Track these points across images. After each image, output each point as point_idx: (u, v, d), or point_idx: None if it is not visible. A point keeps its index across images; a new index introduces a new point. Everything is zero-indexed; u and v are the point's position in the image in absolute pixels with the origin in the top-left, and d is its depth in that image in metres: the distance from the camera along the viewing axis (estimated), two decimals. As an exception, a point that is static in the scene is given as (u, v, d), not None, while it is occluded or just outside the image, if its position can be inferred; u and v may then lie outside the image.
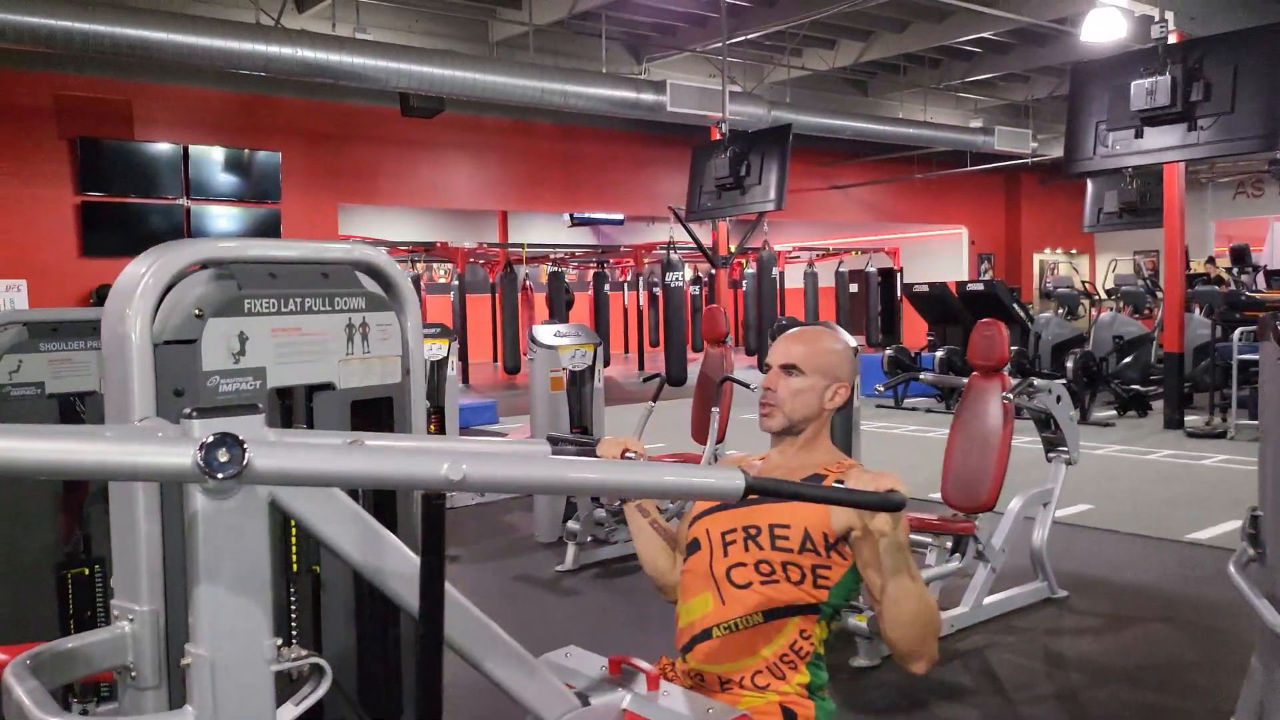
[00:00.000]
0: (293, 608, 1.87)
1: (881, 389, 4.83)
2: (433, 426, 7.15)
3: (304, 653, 1.44)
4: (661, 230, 17.05)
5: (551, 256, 19.70)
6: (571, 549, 5.23)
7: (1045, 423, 4.61)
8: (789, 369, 2.00)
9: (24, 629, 3.16)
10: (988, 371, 4.32)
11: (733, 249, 13.66)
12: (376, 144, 13.65)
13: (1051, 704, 3.48)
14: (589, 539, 5.24)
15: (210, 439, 1.17)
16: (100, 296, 11.48)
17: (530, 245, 17.81)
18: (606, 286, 18.17)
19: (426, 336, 7.10)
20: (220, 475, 1.18)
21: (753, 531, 1.89)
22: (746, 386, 4.91)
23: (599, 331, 17.80)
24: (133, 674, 1.58)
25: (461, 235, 18.29)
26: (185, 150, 12.14)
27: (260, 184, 12.70)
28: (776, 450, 2.04)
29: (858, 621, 3.71)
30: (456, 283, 16.83)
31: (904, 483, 1.60)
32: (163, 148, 12.04)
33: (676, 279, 14.16)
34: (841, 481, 1.80)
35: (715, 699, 1.84)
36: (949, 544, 4.17)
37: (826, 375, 2.00)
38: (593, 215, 20.33)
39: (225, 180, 12.48)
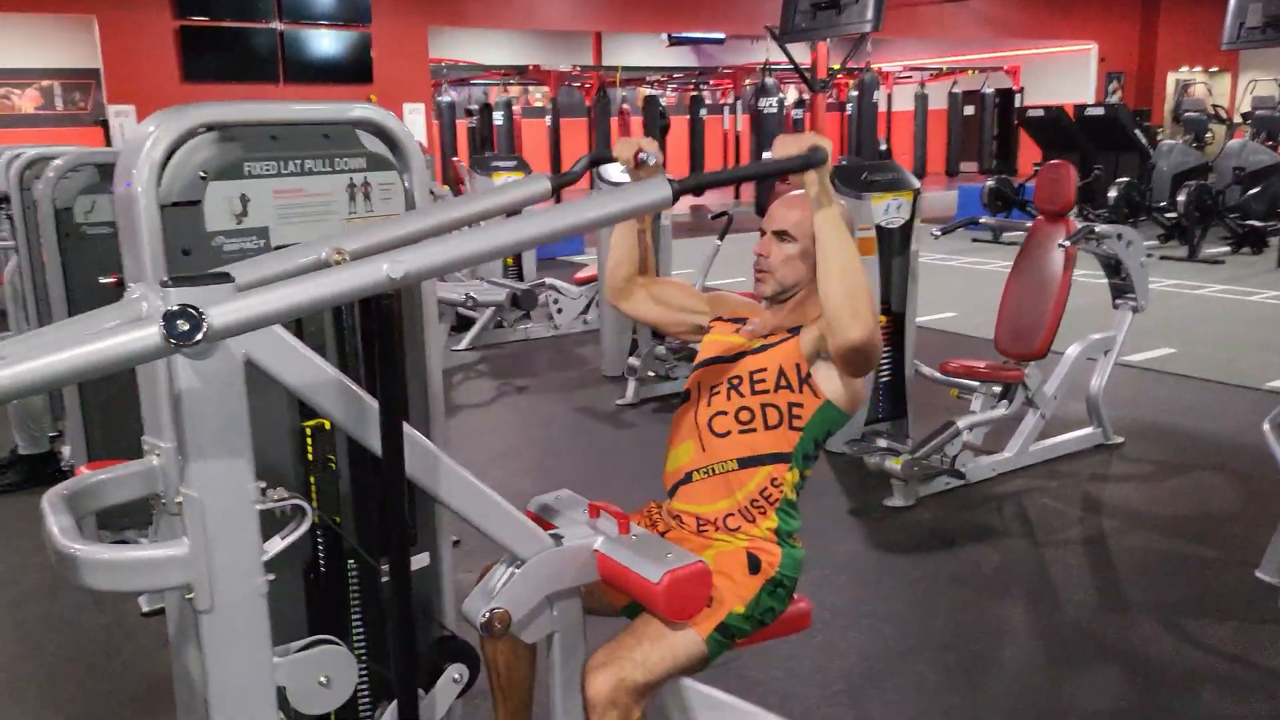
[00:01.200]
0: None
1: (937, 234, 4.69)
2: (510, 260, 7.32)
3: (286, 494, 1.61)
4: (766, 50, 16.41)
5: (647, 79, 19.25)
6: (632, 383, 5.40)
7: (1114, 268, 4.48)
8: (781, 235, 2.02)
9: (113, 448, 3.51)
10: (1052, 216, 4.19)
11: (834, 69, 13.12)
12: (466, -38, 13.37)
13: (1076, 548, 3.55)
14: (649, 374, 5.39)
15: (170, 311, 1.28)
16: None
17: (625, 67, 17.43)
18: (703, 110, 17.78)
19: (502, 169, 7.18)
20: (185, 343, 1.29)
21: (735, 381, 1.98)
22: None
23: (694, 159, 17.55)
24: (163, 501, 1.76)
25: (556, 58, 17.95)
26: (277, -28, 12.13)
27: (352, 6, 12.64)
28: (770, 311, 2.08)
29: (893, 464, 3.80)
30: (551, 107, 16.70)
31: (829, 141, 1.72)
32: (254, -31, 12.04)
33: (771, 104, 13.74)
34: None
35: (690, 539, 1.99)
36: (996, 390, 4.17)
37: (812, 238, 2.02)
38: (691, 35, 19.64)
39: (316, 3, 12.46)
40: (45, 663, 2.90)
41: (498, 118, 15.96)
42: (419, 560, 2.20)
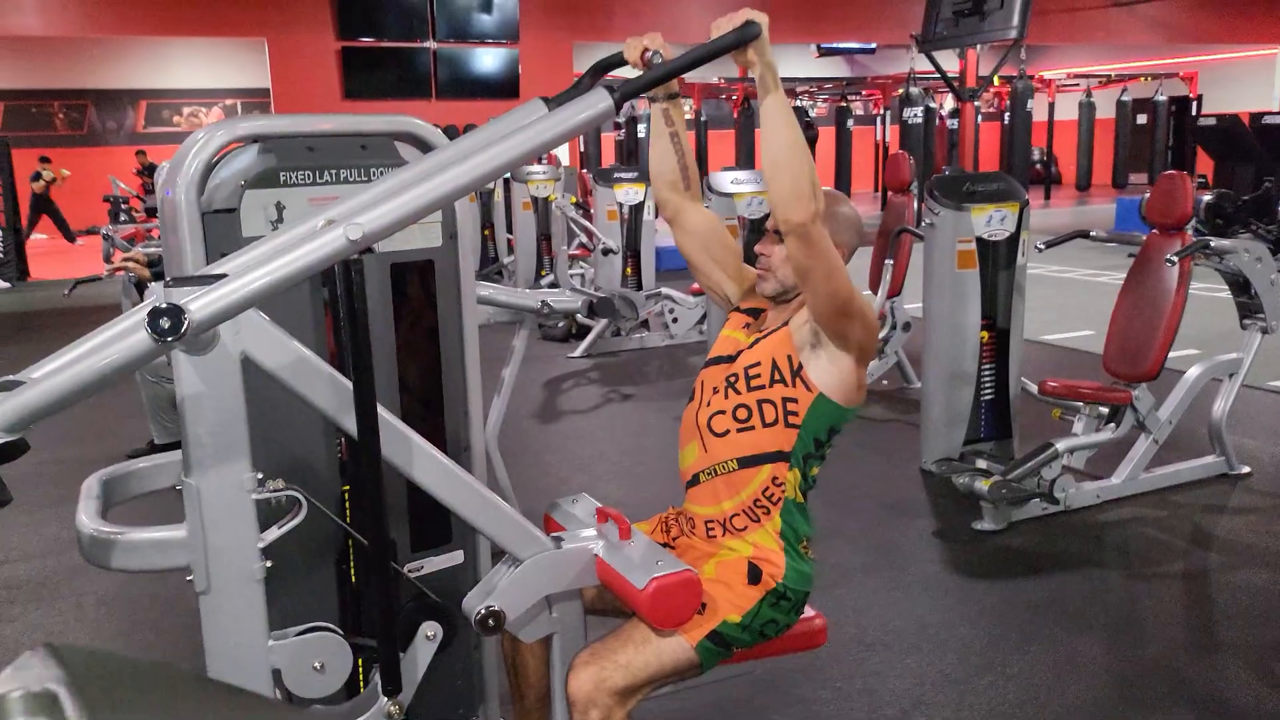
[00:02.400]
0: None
1: (1041, 247, 4.47)
2: (629, 270, 7.40)
3: (282, 484, 1.70)
4: (911, 59, 16.02)
5: (795, 90, 19.10)
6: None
7: (1242, 286, 4.18)
8: (778, 234, 2.00)
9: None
10: (1167, 230, 3.95)
11: (984, 78, 12.69)
12: (613, -23, 13.63)
13: (1173, 583, 3.32)
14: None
15: (154, 310, 1.38)
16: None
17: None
18: (850, 121, 17.51)
19: (624, 180, 7.27)
20: (170, 338, 1.39)
21: (732, 379, 1.97)
22: (919, 238, 4.74)
23: (840, 170, 17.29)
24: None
25: (701, 70, 18.04)
26: (433, -9, 12.69)
27: (501, 25, 13.08)
28: (773, 311, 2.06)
29: (982, 485, 3.66)
30: (699, 118, 16.78)
31: (764, 16, 1.66)
32: (413, -10, 12.64)
33: (915, 113, 13.40)
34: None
35: (699, 545, 1.98)
36: (1103, 412, 3.96)
37: None
38: (842, 44, 19.39)
39: (468, 22, 12.96)
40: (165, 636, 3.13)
41: (641, 130, 16.16)
42: (452, 558, 2.28)
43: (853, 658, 2.89)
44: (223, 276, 1.50)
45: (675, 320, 7.11)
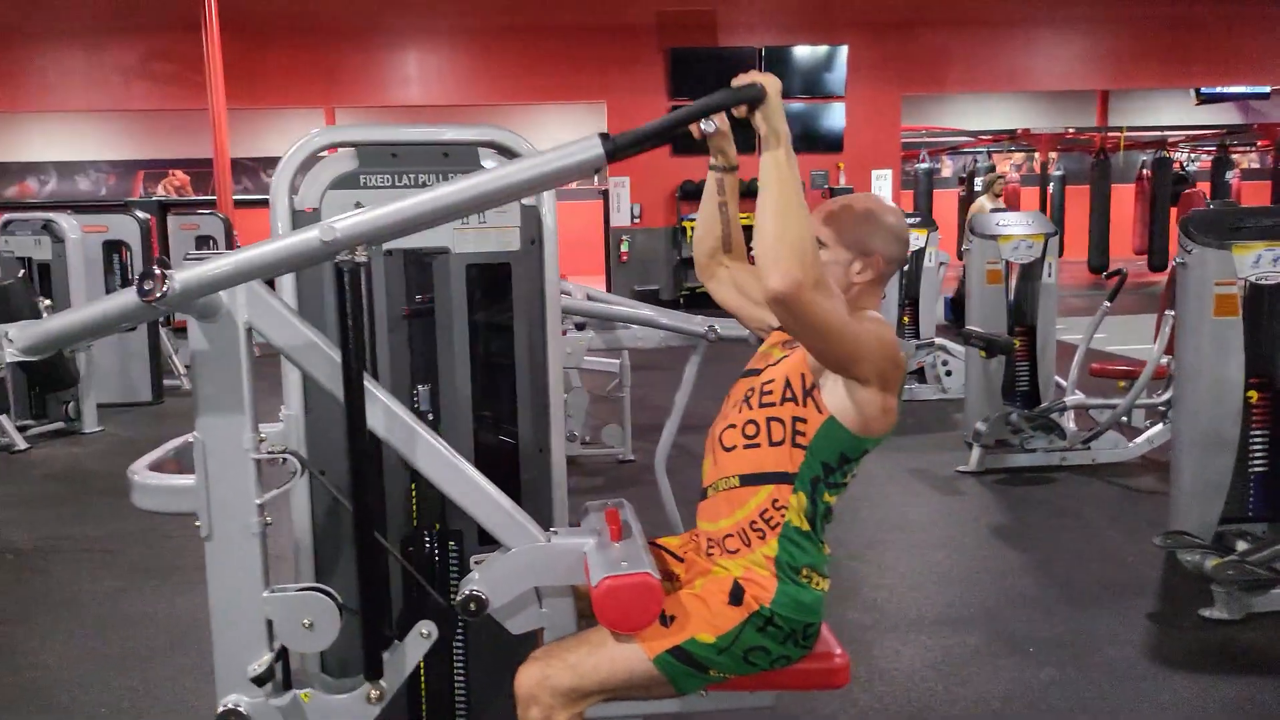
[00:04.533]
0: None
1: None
2: (905, 318, 7.11)
3: (281, 446, 1.84)
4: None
5: (1169, 140, 17.34)
6: (976, 450, 4.97)
7: None
8: (816, 241, 1.87)
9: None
10: None
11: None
12: (948, 28, 13.24)
13: None
14: (993, 441, 4.93)
15: (140, 274, 1.59)
16: (684, 192, 13.00)
17: (1134, 128, 15.92)
18: (1229, 173, 15.63)
19: (905, 225, 7.00)
20: (149, 299, 1.58)
21: (749, 393, 1.87)
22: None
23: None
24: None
25: (1051, 119, 16.93)
26: (760, 52, 13.03)
27: (826, 79, 13.16)
28: None
29: (1210, 564, 3.11)
30: (1055, 171, 15.71)
31: (773, 80, 1.65)
32: (741, 51, 13.05)
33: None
34: None
35: (699, 562, 1.89)
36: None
37: (853, 249, 1.85)
38: (1227, 90, 17.38)
39: (795, 77, 13.15)
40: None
41: (977, 184, 15.44)
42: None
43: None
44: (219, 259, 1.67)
45: (949, 374, 6.70)
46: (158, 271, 1.58)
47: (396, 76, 13.09)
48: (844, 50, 13.09)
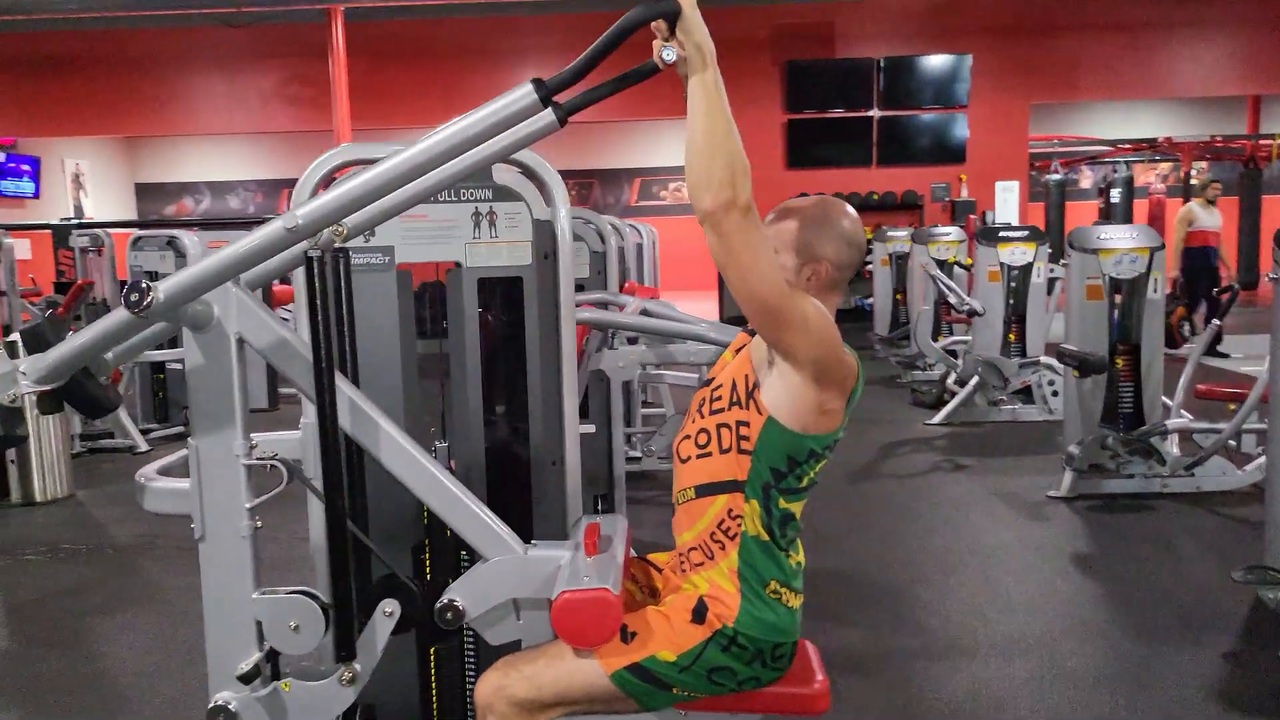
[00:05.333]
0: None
1: None
2: (1012, 336, 6.86)
3: (271, 454, 1.90)
4: None
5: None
6: (1068, 475, 4.73)
7: None
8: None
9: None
10: None
11: None
12: (1079, 33, 12.72)
13: None
14: (1086, 466, 4.68)
15: (128, 285, 1.68)
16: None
17: (1290, 135, 14.90)
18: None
19: (1009, 239, 6.80)
20: (137, 311, 1.68)
21: (702, 403, 1.85)
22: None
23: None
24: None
25: (1197, 126, 16.01)
26: (878, 63, 12.80)
27: (948, 88, 12.82)
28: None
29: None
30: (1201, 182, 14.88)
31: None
32: (860, 63, 12.85)
33: None
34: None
35: (672, 579, 1.87)
36: None
37: (800, 253, 1.80)
38: None
39: (914, 88, 12.87)
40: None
41: (1116, 195, 14.74)
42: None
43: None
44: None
45: (1055, 394, 6.41)
46: (144, 284, 1.67)
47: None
48: (968, 59, 12.73)
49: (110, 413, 2.10)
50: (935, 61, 12.90)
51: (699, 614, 1.73)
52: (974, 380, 6.54)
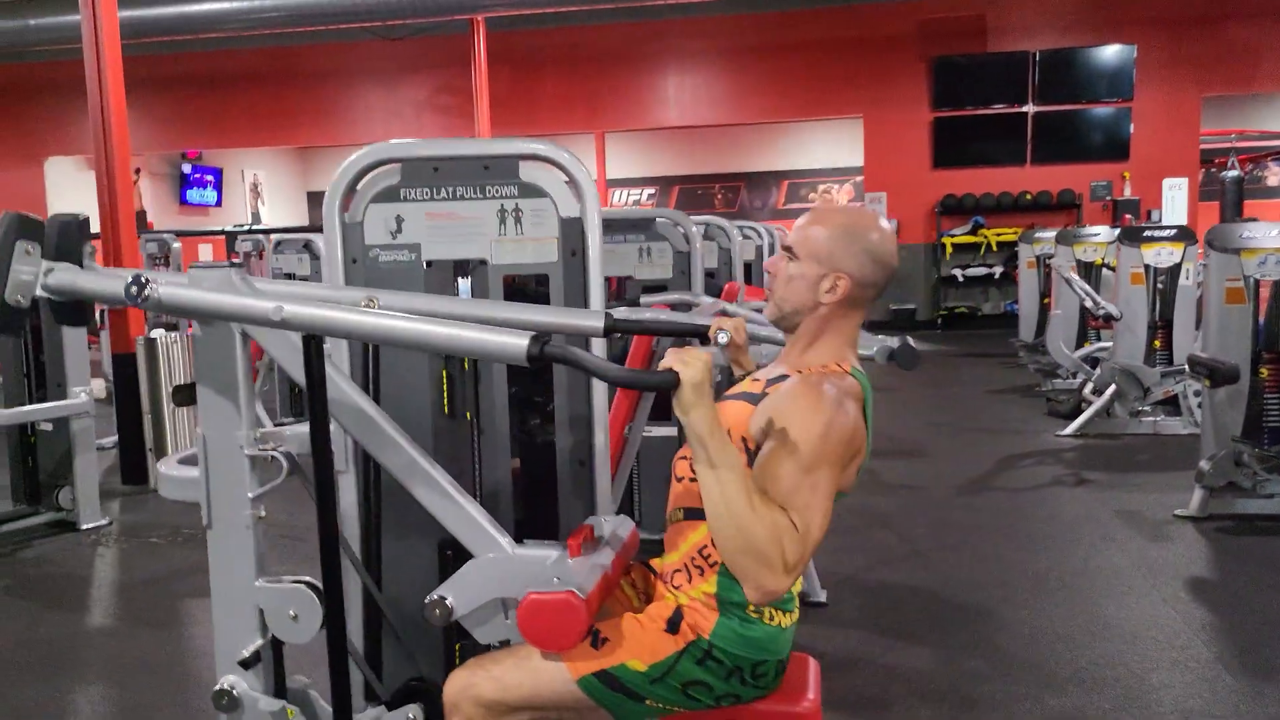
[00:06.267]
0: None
1: None
2: (1158, 343, 6.41)
3: (273, 445, 1.94)
4: None
5: None
6: (1198, 493, 4.36)
7: None
8: (787, 250, 1.73)
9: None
10: None
11: None
12: (1255, 20, 11.77)
13: None
14: (1219, 484, 4.29)
15: (130, 277, 1.76)
16: (945, 206, 12.40)
17: None
18: None
19: (1155, 239, 6.36)
20: (134, 301, 1.76)
21: None
22: None
23: None
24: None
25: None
26: (1033, 56, 12.21)
27: (1110, 81, 12.11)
28: (784, 349, 1.79)
29: None
30: None
31: (687, 366, 1.47)
32: (1013, 56, 12.28)
33: None
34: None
35: (659, 590, 1.80)
36: None
37: (823, 263, 1.69)
38: None
39: (1072, 82, 12.23)
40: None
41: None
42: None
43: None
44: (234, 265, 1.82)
45: (1200, 405, 5.91)
46: (145, 280, 1.75)
47: (657, 99, 13.48)
48: (1132, 50, 11.97)
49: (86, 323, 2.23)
50: (1097, 53, 12.20)
51: (673, 624, 1.66)
52: (1110, 390, 6.12)
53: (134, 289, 1.75)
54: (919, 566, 3.90)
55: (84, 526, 4.74)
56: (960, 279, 12.56)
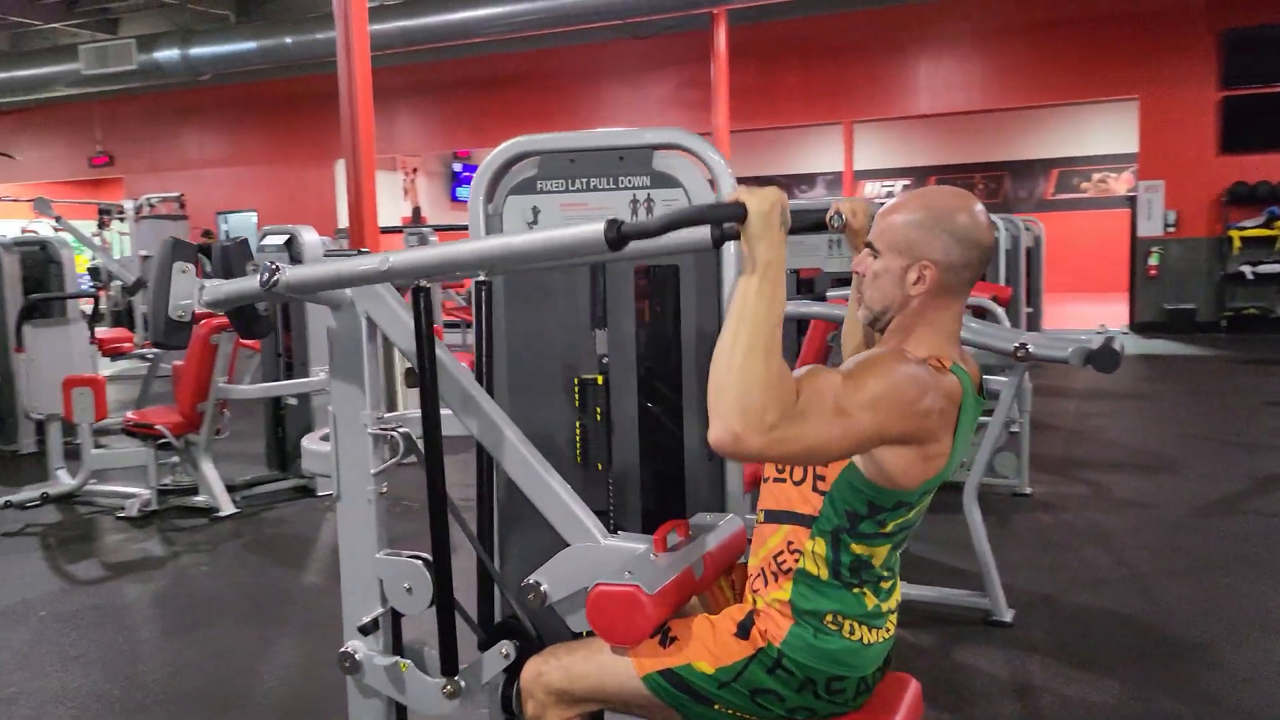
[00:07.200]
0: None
1: None
2: None
3: (395, 426, 2.03)
4: None
5: None
6: None
7: None
8: (869, 246, 1.61)
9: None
10: None
11: None
12: None
13: None
14: None
15: (263, 267, 1.92)
16: (1233, 196, 11.15)
17: None
18: None
19: None
20: (265, 288, 1.91)
21: None
22: None
23: None
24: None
25: None
26: (1347, 23, 10.73)
27: None
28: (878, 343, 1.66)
29: None
30: None
31: (758, 198, 1.38)
32: (1322, 25, 10.86)
33: None
34: None
35: (746, 592, 1.73)
36: None
37: (905, 254, 1.56)
38: None
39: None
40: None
41: None
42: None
43: None
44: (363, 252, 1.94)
45: None
46: (275, 267, 1.89)
47: (908, 87, 13.01)
48: None
49: (267, 334, 2.37)
50: None
51: (744, 628, 1.60)
52: None
53: (265, 277, 1.89)
54: (1129, 592, 3.53)
55: (320, 493, 5.19)
56: (1250, 276, 11.25)
